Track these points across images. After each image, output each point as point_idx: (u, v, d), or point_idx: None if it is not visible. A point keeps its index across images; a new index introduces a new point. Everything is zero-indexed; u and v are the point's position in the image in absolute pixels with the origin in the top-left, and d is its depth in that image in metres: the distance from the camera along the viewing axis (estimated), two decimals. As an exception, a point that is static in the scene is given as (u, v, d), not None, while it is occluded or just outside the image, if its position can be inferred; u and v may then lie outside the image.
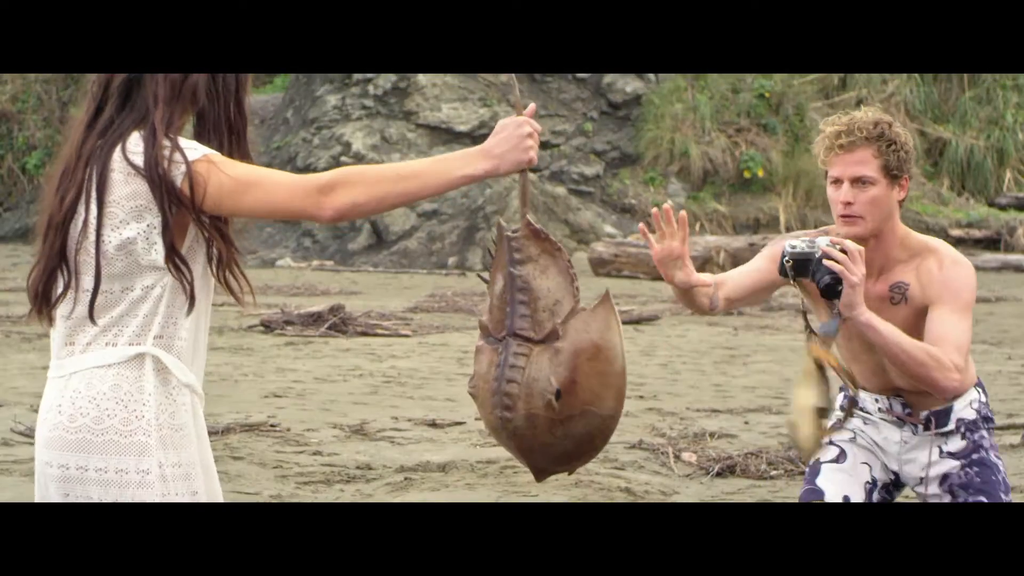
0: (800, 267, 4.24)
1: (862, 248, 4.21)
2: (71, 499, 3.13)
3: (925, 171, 28.73)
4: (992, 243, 26.71)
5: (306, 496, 7.38)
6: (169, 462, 3.14)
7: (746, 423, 9.62)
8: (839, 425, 4.52)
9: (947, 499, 4.40)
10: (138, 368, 3.15)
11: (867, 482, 4.49)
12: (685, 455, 8.38)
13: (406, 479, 7.70)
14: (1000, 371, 12.46)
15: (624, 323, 14.37)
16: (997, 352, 13.96)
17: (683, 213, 4.21)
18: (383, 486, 7.60)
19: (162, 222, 3.13)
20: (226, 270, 3.27)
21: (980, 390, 4.52)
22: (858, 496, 4.46)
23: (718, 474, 8.02)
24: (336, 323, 14.59)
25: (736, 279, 4.48)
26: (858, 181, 4.30)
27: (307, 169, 25.34)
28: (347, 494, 7.47)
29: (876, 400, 4.51)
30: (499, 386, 3.25)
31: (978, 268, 24.42)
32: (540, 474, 3.40)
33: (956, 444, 4.44)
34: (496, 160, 3.16)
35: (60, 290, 3.19)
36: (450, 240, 24.35)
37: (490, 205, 24.36)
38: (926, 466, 4.43)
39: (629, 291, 20.14)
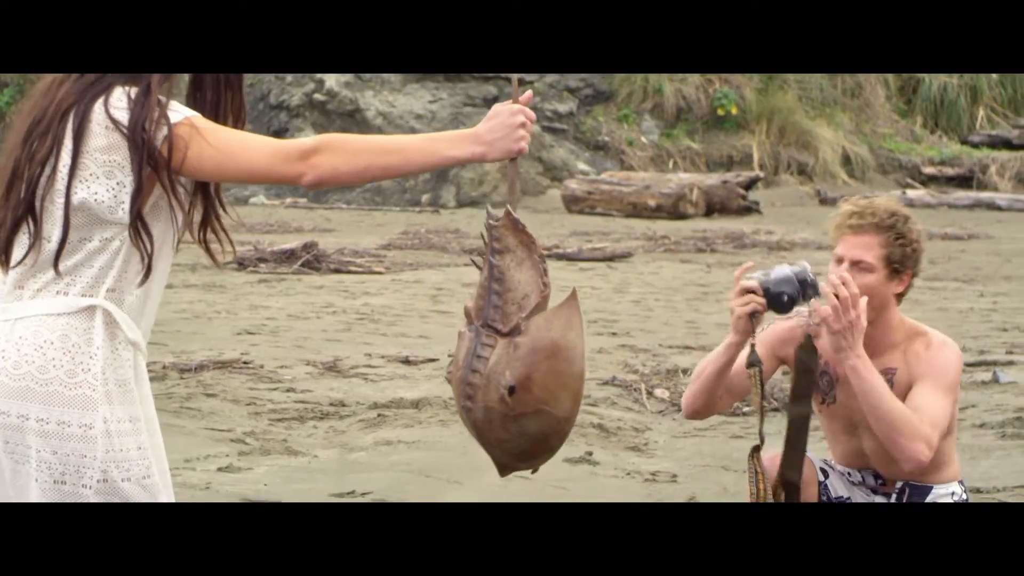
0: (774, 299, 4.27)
1: (856, 292, 4.19)
2: (10, 446, 3.07)
3: (898, 109, 28.75)
4: (965, 181, 26.77)
5: (279, 432, 7.39)
6: (115, 417, 3.09)
7: (718, 360, 9.65)
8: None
9: None
10: (88, 320, 3.09)
11: (820, 468, 4.51)
12: (658, 391, 8.41)
13: (379, 416, 7.72)
14: (972, 308, 12.51)
15: (597, 260, 14.40)
16: (969, 289, 14.01)
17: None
18: (356, 423, 7.62)
19: (134, 186, 3.07)
20: (206, 231, 3.22)
21: (962, 487, 4.50)
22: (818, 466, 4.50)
23: (690, 410, 8.06)
24: (309, 260, 14.58)
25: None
26: (857, 264, 4.29)
27: (279, 106, 25.24)
28: (320, 431, 7.48)
29: (849, 474, 4.51)
30: (465, 375, 3.22)
31: (951, 206, 24.48)
32: (503, 469, 3.35)
33: None
34: (486, 147, 3.12)
35: (27, 241, 3.12)
36: (423, 177, 24.31)
37: (463, 142, 24.31)
38: None
39: (602, 228, 20.14)
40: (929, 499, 4.41)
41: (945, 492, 4.42)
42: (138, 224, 3.09)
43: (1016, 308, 12.66)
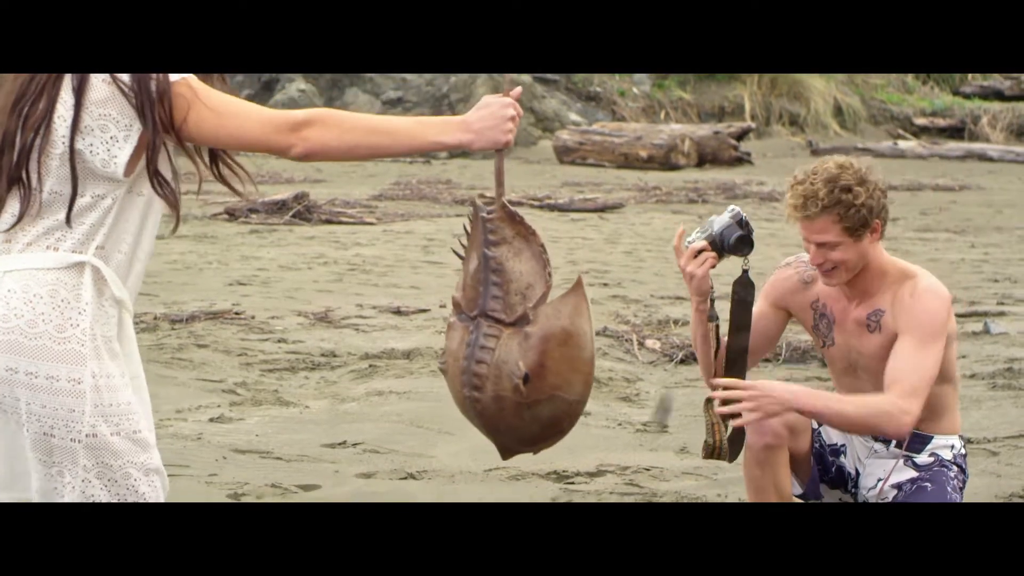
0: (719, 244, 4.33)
1: (742, 384, 4.22)
2: None
3: (891, 59, 28.67)
4: (956, 132, 26.75)
5: (270, 383, 7.40)
6: (103, 372, 3.11)
7: (710, 311, 9.66)
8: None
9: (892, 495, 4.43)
10: (77, 276, 3.11)
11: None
12: (649, 342, 8.42)
13: (371, 366, 7.73)
14: (963, 259, 12.53)
15: (588, 211, 14.38)
16: (960, 240, 14.03)
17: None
18: (347, 373, 7.63)
19: (151, 141, 3.09)
20: (219, 166, 3.25)
21: (962, 443, 4.51)
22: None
23: (681, 361, 8.08)
24: (300, 211, 14.56)
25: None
26: (822, 246, 4.31)
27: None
28: (312, 381, 7.49)
29: None
30: (468, 366, 3.27)
31: (942, 157, 24.46)
32: (505, 452, 3.41)
33: (923, 460, 4.45)
34: (473, 135, 3.19)
35: (20, 198, 3.12)
36: (415, 128, 24.22)
37: (455, 93, 24.26)
38: (888, 472, 4.44)
39: (594, 179, 20.13)
40: (929, 448, 4.43)
41: (945, 444, 4.44)
42: (159, 180, 3.13)
43: (1007, 259, 12.68)
